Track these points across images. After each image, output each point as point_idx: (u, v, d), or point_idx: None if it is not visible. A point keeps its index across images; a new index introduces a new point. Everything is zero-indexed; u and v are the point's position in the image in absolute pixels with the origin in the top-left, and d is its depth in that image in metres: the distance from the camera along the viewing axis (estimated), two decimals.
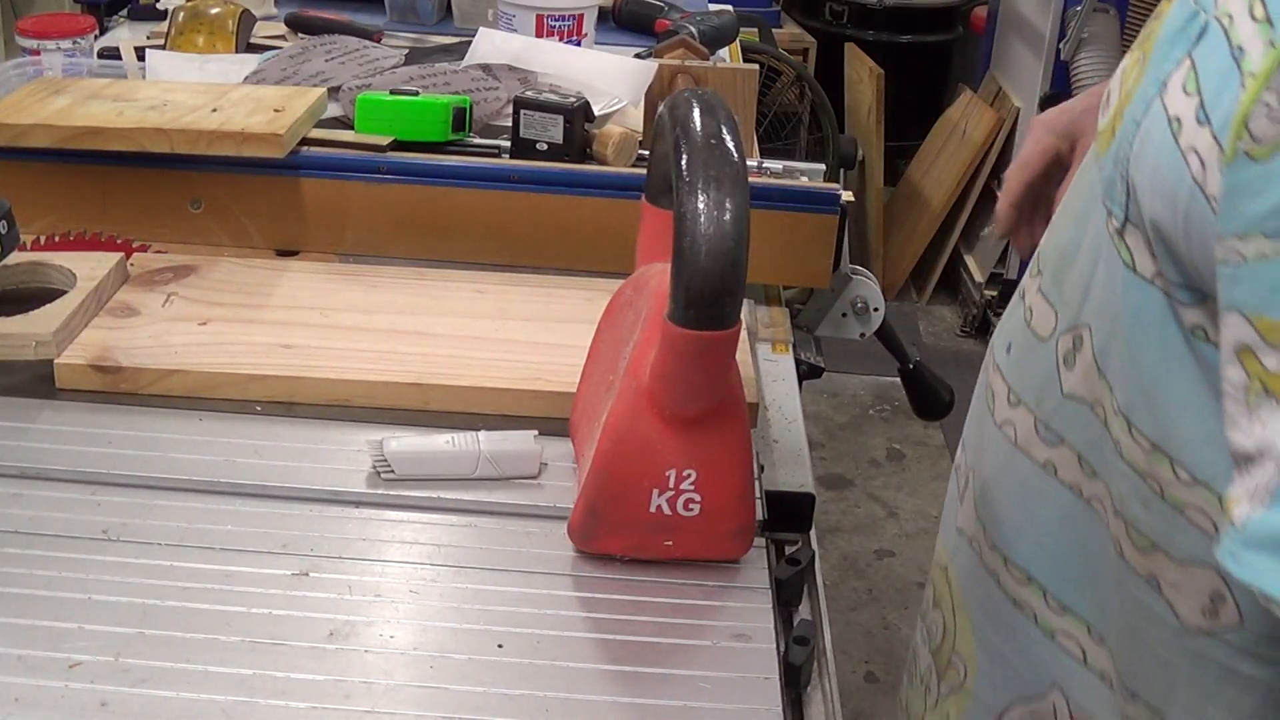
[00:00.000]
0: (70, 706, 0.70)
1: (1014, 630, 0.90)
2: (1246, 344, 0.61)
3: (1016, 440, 0.88)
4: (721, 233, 0.74)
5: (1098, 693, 0.85)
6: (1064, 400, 0.83)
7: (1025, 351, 0.88)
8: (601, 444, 0.82)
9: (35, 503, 0.87)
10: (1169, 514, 0.74)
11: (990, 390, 0.93)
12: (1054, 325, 0.84)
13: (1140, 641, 0.79)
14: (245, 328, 1.06)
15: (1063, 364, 0.83)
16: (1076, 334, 0.81)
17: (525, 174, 1.26)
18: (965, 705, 0.97)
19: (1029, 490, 0.87)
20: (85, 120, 1.20)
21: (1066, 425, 0.83)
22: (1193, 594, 0.74)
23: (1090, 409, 0.80)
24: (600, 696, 0.75)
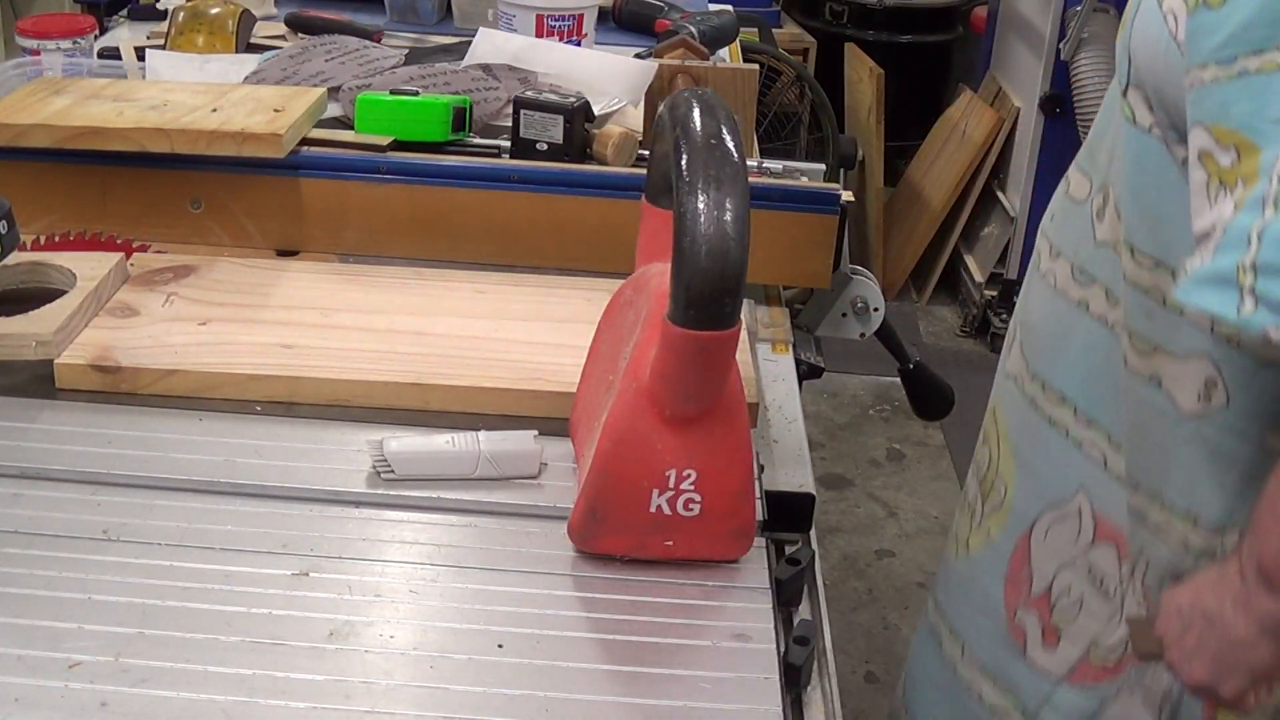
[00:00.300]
0: (70, 706, 0.70)
1: (1049, 446, 1.07)
2: (1206, 149, 0.80)
3: (1056, 285, 1.07)
4: (721, 233, 0.74)
5: (1116, 493, 1.01)
6: (1096, 247, 1.02)
7: (1065, 215, 1.08)
8: (601, 444, 0.82)
9: (35, 503, 0.87)
10: (1170, 318, 0.92)
11: (1038, 252, 1.12)
12: (1088, 190, 1.05)
13: (1144, 435, 0.97)
14: (245, 328, 1.06)
15: (1095, 218, 1.02)
16: (1104, 192, 1.01)
17: (525, 174, 1.26)
18: (1004, 520, 1.13)
19: (1065, 325, 1.05)
20: (85, 120, 1.20)
21: (1098, 267, 1.02)
22: (1189, 383, 0.92)
23: (1112, 249, 0.99)
24: (600, 696, 0.75)
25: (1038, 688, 1.10)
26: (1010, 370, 1.14)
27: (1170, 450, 0.95)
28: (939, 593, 1.25)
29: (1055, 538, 1.08)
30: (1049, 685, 1.10)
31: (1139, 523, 1.01)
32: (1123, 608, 1.03)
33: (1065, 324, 1.06)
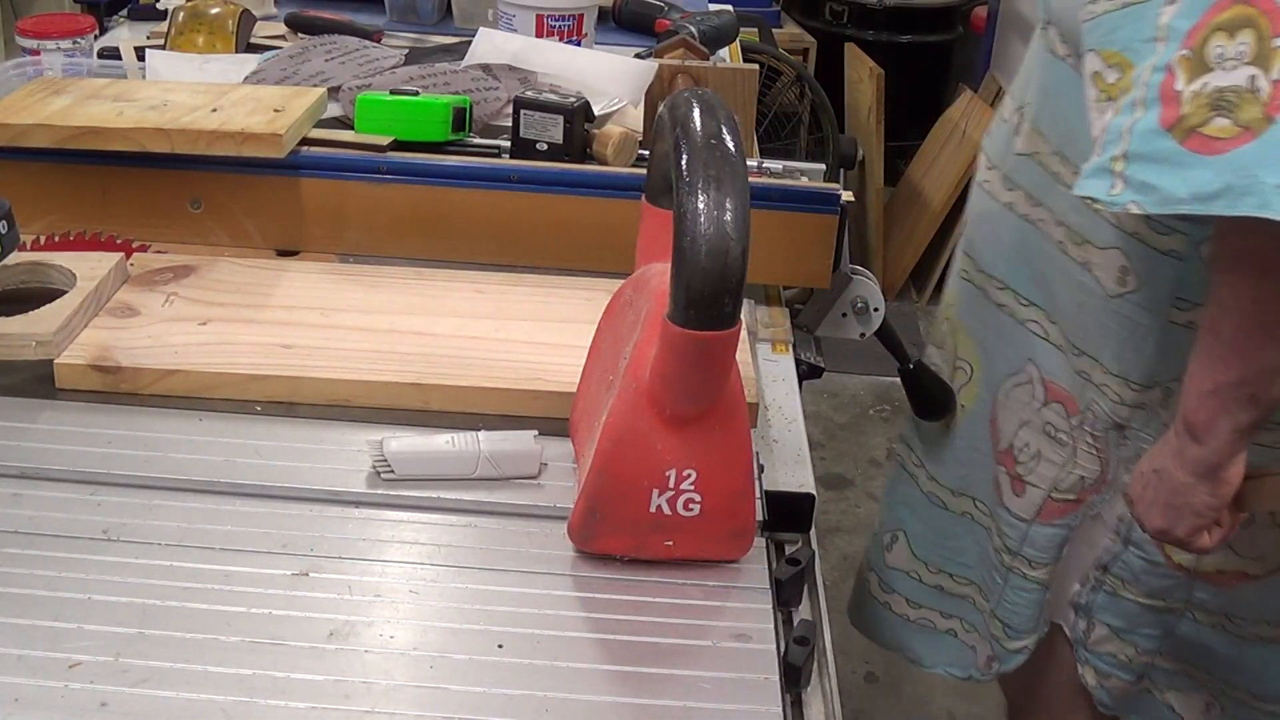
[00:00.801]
0: (70, 706, 0.70)
1: (1000, 326, 1.29)
2: (1097, 70, 0.97)
3: (991, 191, 1.29)
4: (721, 233, 0.74)
5: (1057, 358, 1.23)
6: (1017, 158, 1.24)
7: (996, 131, 1.31)
8: (601, 444, 0.82)
9: (35, 503, 0.87)
10: (1093, 215, 1.12)
11: (979, 164, 1.34)
12: (1011, 108, 1.27)
13: (1082, 311, 1.18)
14: (245, 328, 1.06)
15: (1014, 134, 1.25)
16: (1022, 112, 1.24)
17: (525, 174, 1.26)
18: (975, 391, 1.35)
19: (998, 224, 1.28)
20: (85, 120, 1.20)
21: (1019, 175, 1.24)
22: (1110, 269, 1.13)
23: (1030, 158, 1.21)
24: (600, 696, 0.75)
25: (1016, 528, 1.30)
26: (961, 268, 1.36)
27: (1103, 323, 1.16)
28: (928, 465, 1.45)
29: (1014, 401, 1.29)
30: (1024, 525, 1.29)
31: (1085, 382, 1.20)
32: (1075, 454, 1.23)
33: (999, 223, 1.28)
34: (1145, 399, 1.16)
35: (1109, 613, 1.27)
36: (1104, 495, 1.23)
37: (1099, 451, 1.21)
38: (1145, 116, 0.91)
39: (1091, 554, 1.26)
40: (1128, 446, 1.18)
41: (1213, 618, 1.24)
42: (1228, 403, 0.98)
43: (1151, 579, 1.22)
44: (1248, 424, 0.99)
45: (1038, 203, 1.21)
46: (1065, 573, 1.30)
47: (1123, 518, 1.21)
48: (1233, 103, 0.87)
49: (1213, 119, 0.87)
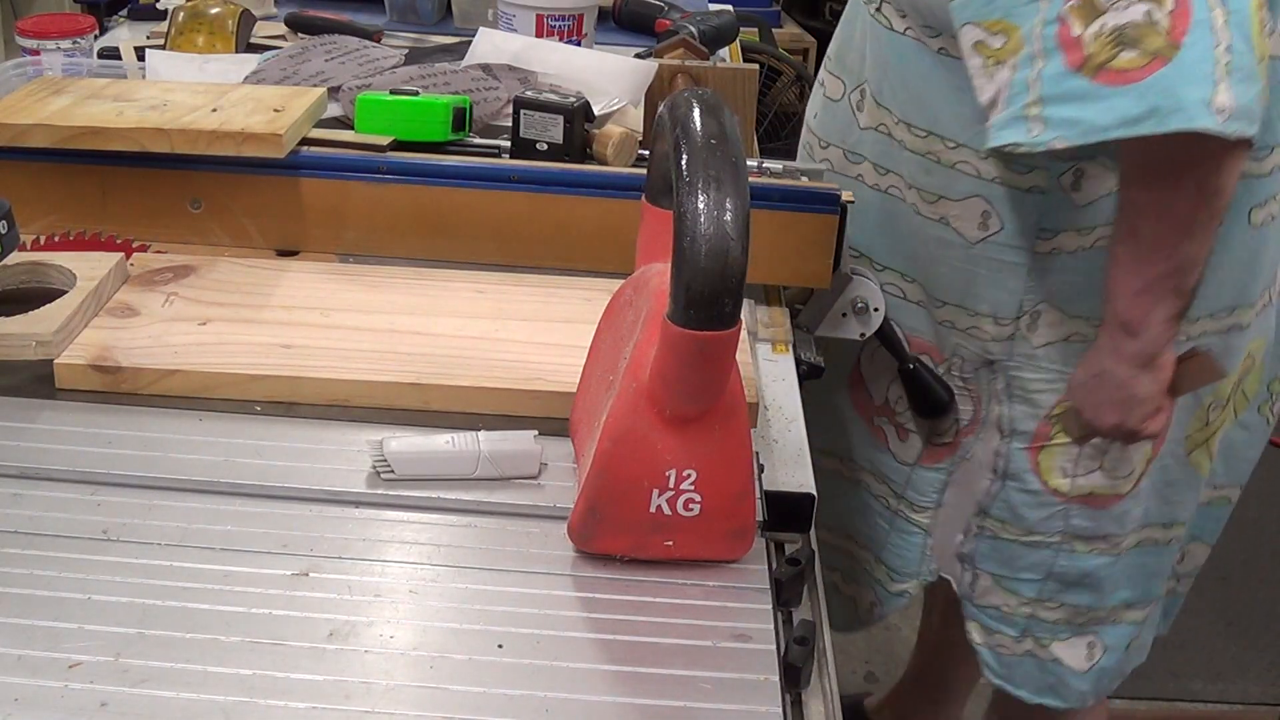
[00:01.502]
0: (70, 706, 0.70)
1: None
2: (979, 40, 1.06)
3: (833, 168, 1.36)
4: (721, 233, 0.74)
5: (917, 314, 1.32)
6: (861, 132, 1.32)
7: (826, 112, 1.39)
8: (601, 444, 0.82)
9: (35, 503, 0.87)
10: (946, 172, 1.23)
11: (807, 146, 1.43)
12: (843, 89, 1.36)
13: (941, 264, 1.27)
14: (245, 328, 1.06)
15: (856, 110, 1.33)
16: (861, 89, 1.32)
17: (525, 174, 1.26)
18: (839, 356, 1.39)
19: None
20: (85, 120, 1.20)
21: (865, 148, 1.32)
22: (970, 218, 1.23)
23: (875, 130, 1.30)
24: (600, 697, 0.75)
25: (900, 472, 1.40)
26: None
27: (966, 270, 1.25)
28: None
29: (880, 362, 1.36)
30: (907, 469, 1.39)
31: (950, 330, 1.30)
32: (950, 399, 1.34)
33: (865, 197, 1.32)
34: (1014, 329, 1.26)
35: (991, 560, 1.36)
36: (978, 435, 1.33)
37: (970, 392, 1.32)
38: (1049, 64, 1.01)
39: (971, 500, 1.35)
40: (999, 379, 1.29)
41: (1091, 544, 1.33)
42: (1157, 296, 1.10)
43: (1030, 512, 1.32)
44: (1176, 312, 1.11)
45: (885, 171, 1.30)
46: (948, 524, 1.39)
47: (999, 452, 1.31)
48: (1134, 37, 0.97)
49: (1119, 54, 0.98)
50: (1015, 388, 1.28)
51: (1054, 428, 1.28)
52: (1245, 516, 2.81)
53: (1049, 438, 1.29)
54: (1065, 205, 1.19)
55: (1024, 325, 1.25)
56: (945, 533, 1.39)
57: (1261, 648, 2.47)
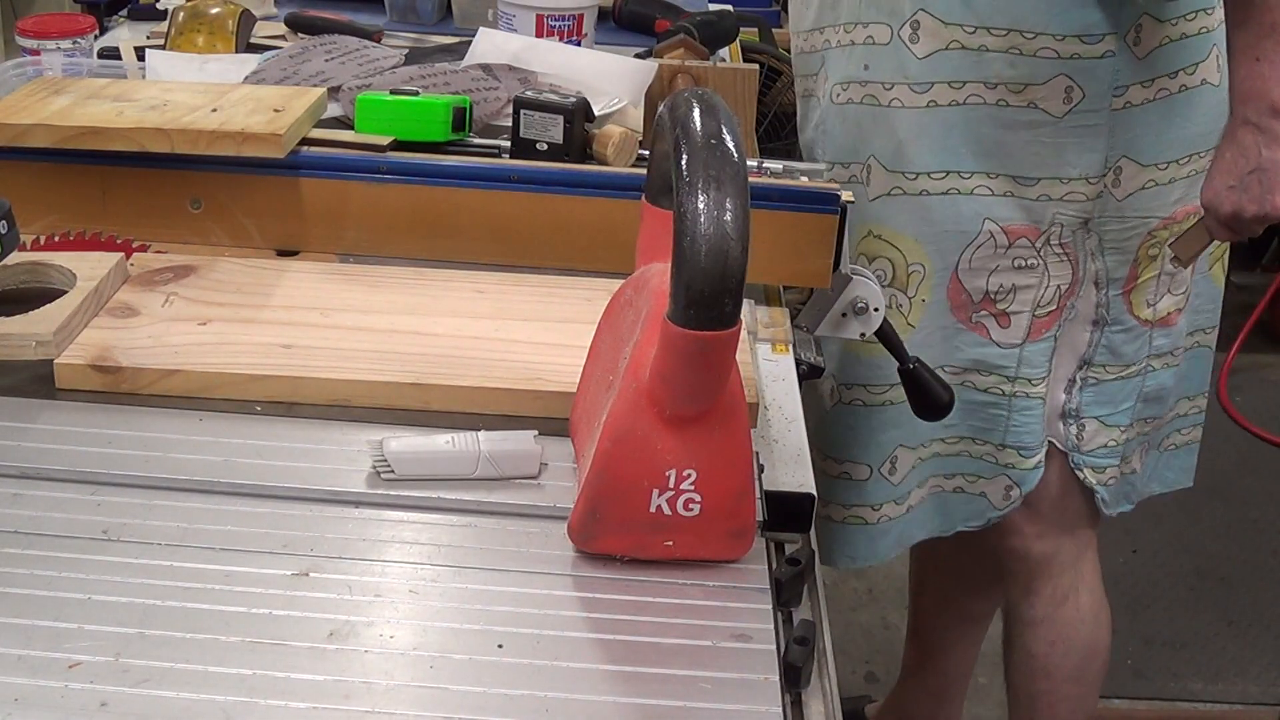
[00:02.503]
0: (70, 706, 0.70)
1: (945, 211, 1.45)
2: None
3: (904, 103, 1.44)
4: (721, 233, 0.74)
5: (1008, 204, 1.45)
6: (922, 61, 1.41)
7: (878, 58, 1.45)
8: (601, 444, 0.82)
9: (35, 503, 0.87)
10: (1030, 60, 1.38)
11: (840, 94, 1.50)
12: (891, 33, 1.43)
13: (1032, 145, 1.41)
14: (245, 328, 1.06)
15: (910, 43, 1.41)
16: (912, 20, 1.41)
17: (525, 174, 1.26)
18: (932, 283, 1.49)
19: (924, 122, 1.43)
20: (85, 120, 1.20)
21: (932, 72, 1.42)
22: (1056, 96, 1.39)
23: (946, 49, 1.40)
24: (600, 696, 0.75)
25: (1008, 356, 1.50)
26: (882, 193, 1.47)
27: (1056, 143, 1.39)
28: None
29: (978, 260, 1.46)
30: (1017, 349, 1.50)
31: (1046, 203, 1.43)
32: (1047, 269, 1.46)
33: (924, 121, 1.42)
34: (1101, 186, 1.42)
35: (1095, 405, 1.53)
36: (1078, 294, 1.49)
37: (1068, 255, 1.46)
38: None
39: (1074, 357, 1.51)
40: (1092, 237, 1.45)
41: (1165, 359, 1.55)
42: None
43: (1127, 347, 1.51)
44: None
45: (962, 83, 1.40)
46: (1053, 390, 1.53)
47: (1100, 303, 1.48)
48: None
49: None
50: (1107, 240, 1.45)
51: (1140, 267, 1.47)
52: (1245, 516, 2.82)
53: (1137, 278, 1.48)
54: (1129, 62, 1.36)
55: (1109, 181, 1.42)
56: (1052, 397, 1.53)
57: (1261, 648, 2.47)
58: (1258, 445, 3.05)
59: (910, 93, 1.42)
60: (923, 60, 1.41)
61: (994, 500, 1.60)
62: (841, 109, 1.49)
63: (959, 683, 2.01)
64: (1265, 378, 3.36)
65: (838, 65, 1.49)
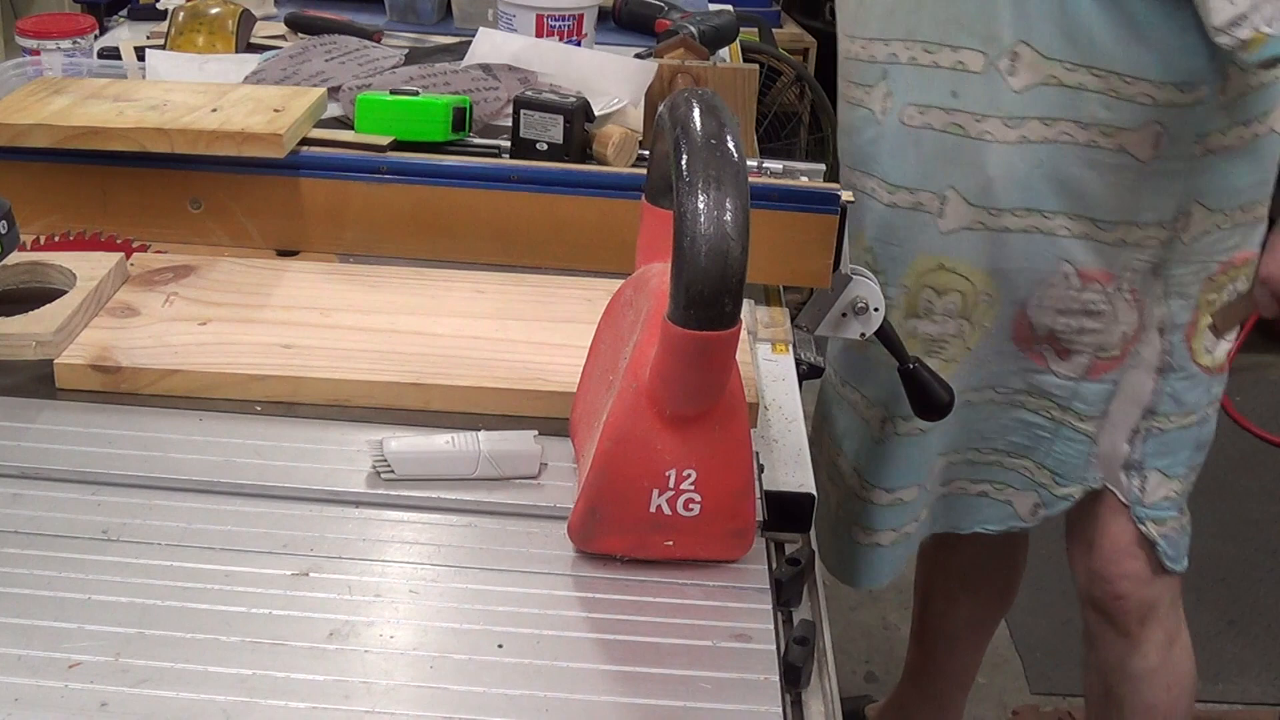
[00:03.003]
0: (70, 706, 0.70)
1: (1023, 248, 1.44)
2: None
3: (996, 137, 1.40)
4: (721, 233, 0.74)
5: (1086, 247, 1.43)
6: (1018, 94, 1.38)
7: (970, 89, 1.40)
8: (601, 444, 0.82)
9: (35, 503, 0.87)
10: (1125, 105, 1.35)
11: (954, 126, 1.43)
12: (985, 59, 1.39)
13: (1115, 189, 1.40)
14: (245, 328, 1.06)
15: (1008, 75, 1.37)
16: (1014, 52, 1.37)
17: (525, 174, 1.26)
18: (996, 312, 1.49)
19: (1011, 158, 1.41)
20: (85, 120, 1.20)
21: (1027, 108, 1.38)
22: (1146, 142, 1.37)
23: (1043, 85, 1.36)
24: (600, 697, 0.75)
25: (1063, 386, 1.50)
26: (963, 222, 1.44)
27: (1136, 187, 1.38)
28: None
29: (1049, 299, 1.45)
30: (1073, 383, 1.49)
31: (1120, 248, 1.42)
32: (1116, 314, 1.45)
33: (1015, 157, 1.39)
34: (1174, 231, 1.41)
35: (1157, 455, 1.51)
36: (1143, 340, 1.47)
37: (1137, 301, 1.45)
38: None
39: (1137, 406, 1.49)
40: (1159, 283, 1.44)
41: (1216, 405, 1.54)
42: None
43: (1190, 395, 1.49)
44: None
45: (1054, 121, 1.36)
46: (1113, 432, 1.51)
47: (1164, 349, 1.46)
48: None
49: None
50: (1172, 285, 1.44)
51: (1201, 313, 1.46)
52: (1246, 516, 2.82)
53: (1197, 323, 1.47)
54: (1215, 109, 1.35)
55: (1179, 226, 1.41)
56: (1110, 441, 1.52)
57: (1261, 648, 2.47)
58: (1258, 445, 3.05)
59: (1003, 126, 1.39)
60: (1019, 94, 1.37)
61: (1020, 511, 1.60)
62: (916, 133, 1.44)
63: (961, 687, 2.01)
64: (1265, 378, 3.36)
65: (912, 85, 1.43)
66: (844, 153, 1.58)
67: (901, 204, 1.47)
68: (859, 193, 1.51)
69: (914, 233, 1.47)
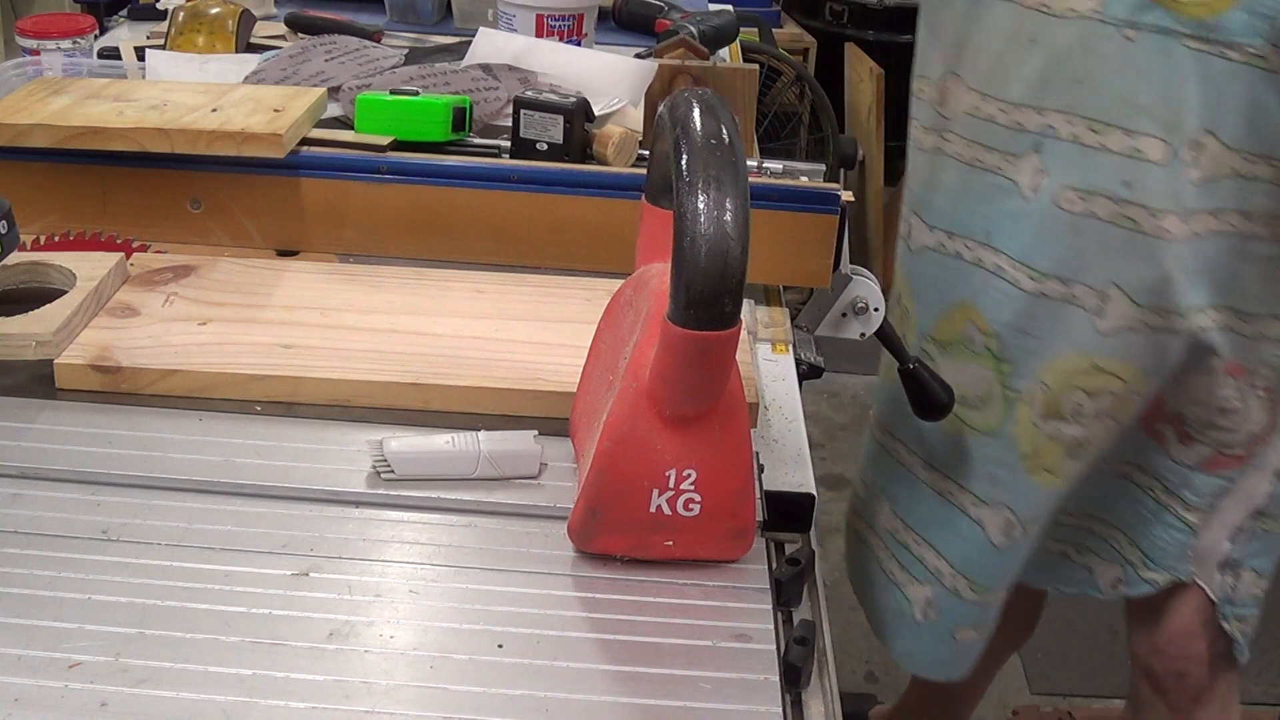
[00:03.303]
0: (70, 706, 0.70)
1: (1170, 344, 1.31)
2: None
3: (1171, 236, 1.25)
4: (721, 233, 0.74)
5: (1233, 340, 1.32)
6: (1196, 188, 1.23)
7: (1148, 179, 1.24)
8: (601, 444, 0.82)
9: (35, 503, 0.87)
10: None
11: (1141, 209, 1.26)
12: (1167, 151, 1.21)
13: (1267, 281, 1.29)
14: (245, 328, 1.06)
15: (1190, 166, 1.22)
16: (1197, 142, 1.23)
17: (525, 174, 1.26)
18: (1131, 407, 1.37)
19: (1198, 250, 1.27)
20: (85, 120, 1.20)
21: (1201, 199, 1.23)
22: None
23: (1218, 179, 1.23)
24: (600, 697, 0.75)
25: (1176, 471, 1.39)
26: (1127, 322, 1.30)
27: (1271, 275, 1.27)
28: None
29: (1184, 388, 1.33)
30: (1187, 471, 1.38)
31: (1257, 342, 1.30)
32: (1248, 412, 1.33)
33: (1188, 254, 1.25)
34: None
35: (1257, 555, 1.40)
36: (1270, 443, 1.36)
37: (1270, 399, 1.33)
38: None
39: (1248, 506, 1.38)
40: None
41: None
42: None
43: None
44: None
45: (1221, 212, 1.24)
46: (1216, 530, 1.40)
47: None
48: None
49: None
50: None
51: None
52: None
53: None
54: None
55: None
56: (1212, 537, 1.40)
57: (1262, 648, 2.47)
58: None
59: (1180, 222, 1.24)
60: (1197, 187, 1.23)
61: (1099, 581, 1.51)
62: (1074, 220, 1.27)
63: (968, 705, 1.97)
64: None
65: (1073, 165, 1.26)
66: (935, 211, 1.43)
67: (1051, 294, 1.31)
68: (968, 264, 1.38)
69: (1062, 327, 1.33)
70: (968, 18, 1.33)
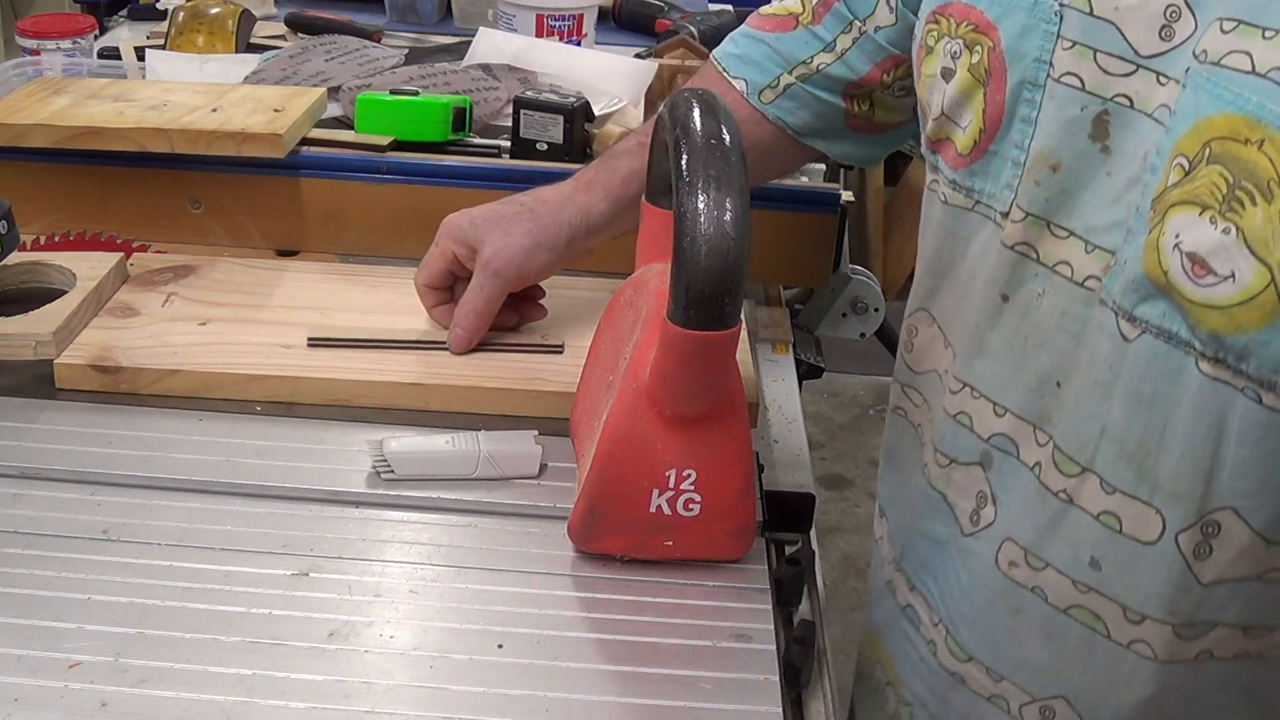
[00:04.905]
0: (70, 706, 0.70)
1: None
2: None
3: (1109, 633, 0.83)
4: (721, 233, 0.74)
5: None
6: (1205, 588, 0.79)
7: (1128, 561, 0.80)
8: (601, 444, 0.82)
9: (35, 503, 0.87)
10: None
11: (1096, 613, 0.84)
12: (1161, 525, 0.78)
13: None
14: (245, 328, 1.06)
15: (1194, 557, 0.78)
16: (1208, 521, 0.76)
17: (525, 174, 1.25)
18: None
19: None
20: (85, 120, 1.20)
21: (1215, 610, 0.80)
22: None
23: (1258, 579, 0.78)
24: (600, 697, 0.75)
25: None
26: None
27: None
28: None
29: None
30: None
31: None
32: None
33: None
34: None
35: None
36: None
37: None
38: None
39: None
40: None
41: None
42: None
43: None
44: None
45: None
46: None
47: None
48: None
49: None
50: None
51: None
52: None
53: None
54: None
55: None
56: None
57: None
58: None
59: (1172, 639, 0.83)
60: (1205, 587, 0.80)
61: None
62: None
63: None
64: None
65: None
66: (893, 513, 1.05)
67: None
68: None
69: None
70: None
